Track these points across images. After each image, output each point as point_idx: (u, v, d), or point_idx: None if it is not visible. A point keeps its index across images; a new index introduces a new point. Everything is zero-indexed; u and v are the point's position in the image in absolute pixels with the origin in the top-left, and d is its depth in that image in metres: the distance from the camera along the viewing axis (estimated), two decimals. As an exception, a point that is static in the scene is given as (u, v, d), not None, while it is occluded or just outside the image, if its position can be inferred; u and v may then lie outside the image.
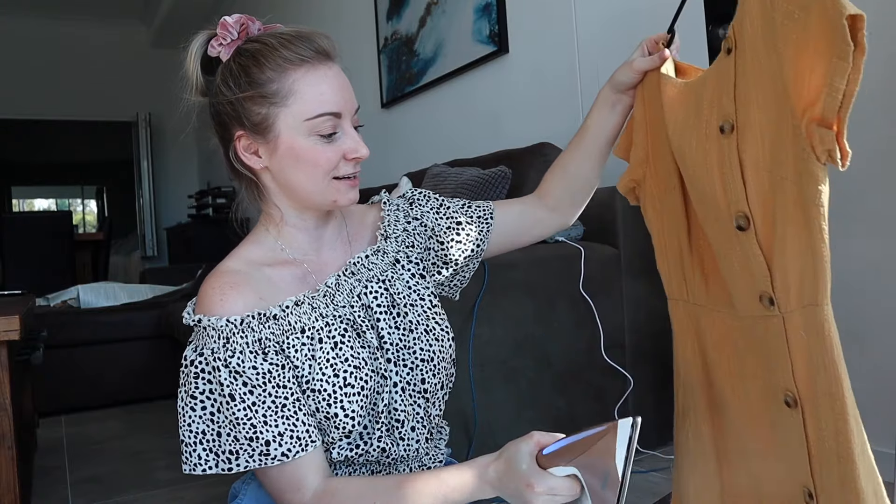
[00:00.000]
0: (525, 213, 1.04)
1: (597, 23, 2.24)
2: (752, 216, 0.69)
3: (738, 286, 0.74)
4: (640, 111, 0.89)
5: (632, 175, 0.89)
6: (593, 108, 0.97)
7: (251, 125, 0.86)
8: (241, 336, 0.81)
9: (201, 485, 2.00)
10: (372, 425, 0.88)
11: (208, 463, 0.81)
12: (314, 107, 0.84)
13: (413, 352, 0.91)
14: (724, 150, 0.70)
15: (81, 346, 3.18)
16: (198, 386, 0.81)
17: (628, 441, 0.71)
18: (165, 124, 7.09)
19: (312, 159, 0.85)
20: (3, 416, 1.38)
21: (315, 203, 0.89)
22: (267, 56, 0.84)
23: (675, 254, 0.85)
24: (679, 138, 0.77)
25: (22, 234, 4.95)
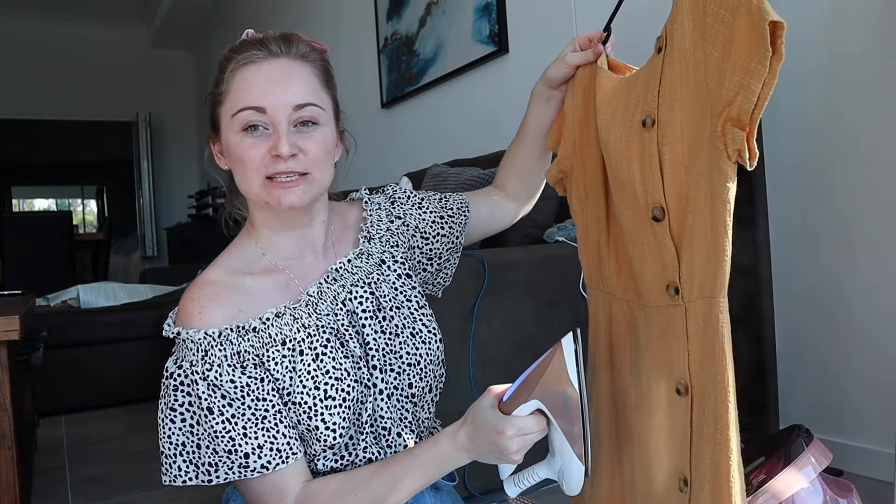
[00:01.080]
0: (493, 204, 1.07)
1: (597, 23, 2.23)
2: (668, 208, 0.72)
3: (647, 276, 0.77)
4: (570, 105, 0.91)
5: (560, 166, 0.92)
6: (530, 103, 0.98)
7: (213, 127, 0.89)
8: (219, 349, 0.81)
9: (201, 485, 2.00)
10: (357, 435, 0.87)
11: (188, 474, 0.82)
12: (239, 101, 0.83)
13: (399, 356, 0.90)
14: (644, 143, 0.73)
15: (81, 346, 3.17)
16: (177, 398, 0.81)
17: (575, 355, 0.75)
18: (165, 124, 7.10)
19: (238, 156, 0.83)
20: (3, 416, 1.38)
21: (259, 204, 0.87)
22: (225, 59, 0.86)
23: (595, 243, 0.88)
24: (606, 130, 0.80)
25: (22, 234, 4.95)
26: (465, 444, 0.79)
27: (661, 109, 0.72)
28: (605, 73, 0.85)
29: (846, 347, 1.65)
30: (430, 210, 1.01)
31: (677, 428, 0.74)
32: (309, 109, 0.84)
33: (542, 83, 0.95)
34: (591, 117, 0.85)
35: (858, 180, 1.59)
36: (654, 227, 0.74)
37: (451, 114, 3.06)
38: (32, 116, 6.80)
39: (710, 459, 0.70)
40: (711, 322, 0.69)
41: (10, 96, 6.33)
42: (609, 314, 0.87)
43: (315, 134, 0.84)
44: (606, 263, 0.86)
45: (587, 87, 0.87)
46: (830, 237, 1.65)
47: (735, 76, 0.63)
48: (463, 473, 1.52)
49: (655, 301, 0.77)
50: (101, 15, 6.61)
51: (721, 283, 0.68)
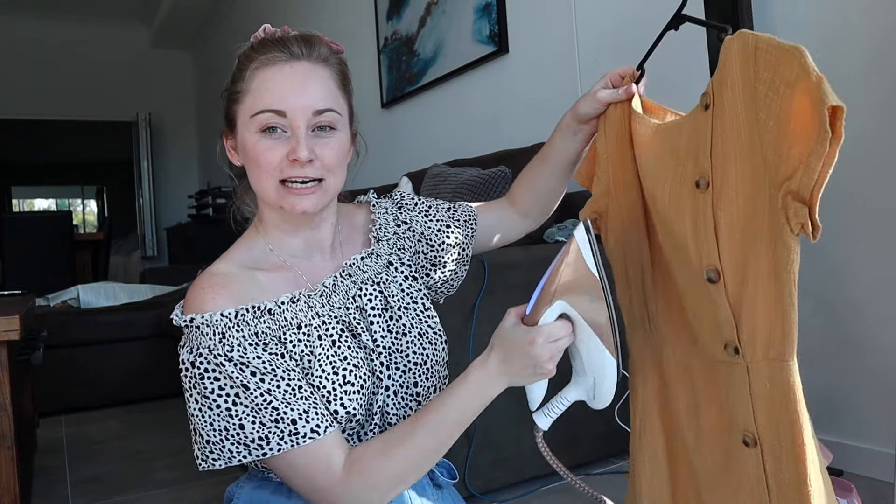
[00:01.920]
0: (502, 218, 1.07)
1: (597, 23, 2.24)
2: (723, 271, 0.72)
3: (703, 330, 0.76)
4: (603, 144, 0.89)
5: (594, 207, 0.91)
6: (556, 132, 0.98)
7: (227, 123, 0.89)
8: (236, 330, 0.80)
9: (201, 485, 2.00)
10: (367, 426, 0.88)
11: (241, 454, 0.80)
12: (259, 103, 0.83)
13: (406, 355, 0.90)
14: (698, 205, 0.73)
15: (81, 346, 3.18)
16: (206, 385, 0.80)
17: (590, 245, 0.76)
18: (165, 124, 7.10)
19: (254, 157, 0.83)
20: (3, 416, 1.38)
21: (272, 206, 0.87)
22: (246, 56, 0.86)
23: (638, 285, 0.87)
24: (652, 182, 0.80)
25: (22, 234, 4.95)
26: (497, 368, 0.80)
27: (715, 172, 0.72)
28: (641, 118, 0.84)
29: (846, 347, 1.65)
30: (437, 218, 1.01)
31: (750, 474, 0.74)
32: (328, 115, 0.84)
33: (571, 116, 0.94)
34: (628, 161, 0.84)
35: (860, 179, 1.59)
36: (708, 287, 0.74)
37: (451, 114, 3.06)
38: (32, 116, 6.80)
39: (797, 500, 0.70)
40: (781, 385, 0.70)
41: (10, 96, 6.33)
42: (658, 357, 0.87)
43: (332, 140, 0.85)
44: (654, 308, 0.86)
45: (619, 127, 0.87)
46: (831, 236, 1.65)
47: (794, 151, 0.63)
48: (463, 473, 1.52)
49: (713, 354, 0.76)
50: (101, 15, 6.61)
51: (790, 347, 0.69)
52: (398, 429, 0.82)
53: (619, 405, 1.81)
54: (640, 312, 0.88)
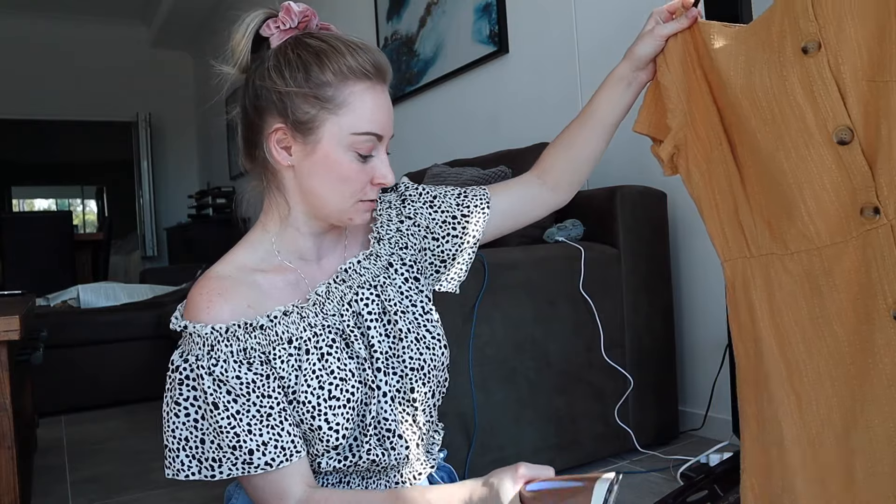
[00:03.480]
0: (523, 196, 1.03)
1: (597, 23, 2.24)
2: (855, 127, 0.69)
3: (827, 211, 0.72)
4: (669, 77, 0.88)
5: (674, 140, 0.88)
6: (603, 88, 0.95)
7: (294, 121, 0.83)
8: (225, 345, 0.80)
9: (201, 485, 2.00)
10: (361, 437, 0.87)
11: (191, 469, 0.81)
12: (364, 123, 0.83)
13: (402, 360, 0.89)
14: (810, 70, 0.70)
15: (81, 346, 3.18)
16: (182, 392, 0.81)
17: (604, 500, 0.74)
18: (165, 124, 7.10)
19: (345, 175, 0.84)
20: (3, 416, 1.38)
21: (329, 216, 0.88)
22: (332, 58, 0.82)
23: (730, 210, 0.84)
24: (746, 78, 0.77)
25: (22, 234, 4.95)
26: None
27: (826, 31, 0.70)
28: (713, 26, 0.82)
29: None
30: (443, 210, 0.98)
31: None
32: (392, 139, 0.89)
33: (628, 65, 0.92)
34: (701, 84, 0.83)
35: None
36: (839, 152, 0.71)
37: (451, 114, 3.06)
38: (32, 116, 6.79)
39: None
40: None
41: (10, 96, 6.33)
42: (765, 279, 0.81)
43: None
44: (751, 226, 0.82)
45: (683, 56, 0.85)
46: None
47: None
48: (463, 474, 1.52)
49: (842, 235, 0.73)
50: (101, 15, 6.60)
51: None
52: (367, 495, 0.84)
53: (618, 405, 1.81)
54: (736, 241, 0.84)
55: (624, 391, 1.80)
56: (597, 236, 1.85)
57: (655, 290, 1.89)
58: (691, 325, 2.02)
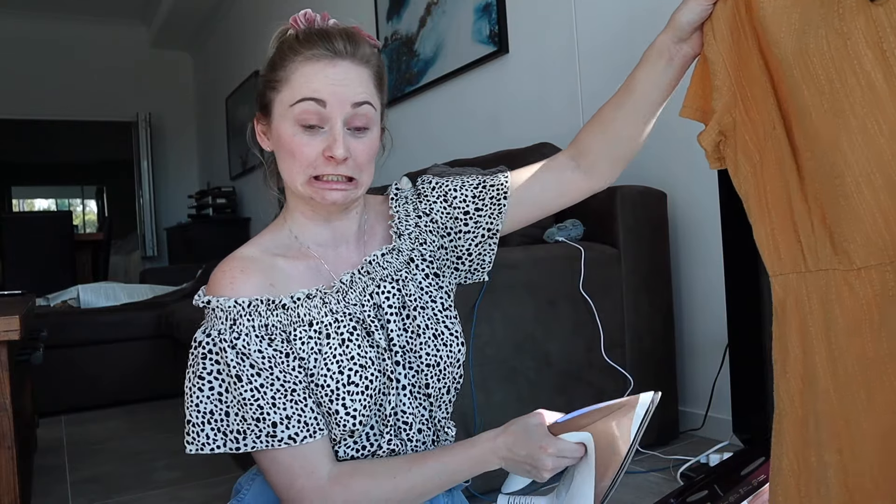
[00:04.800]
0: (552, 181, 0.95)
1: (597, 22, 2.24)
2: None
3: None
4: (715, 48, 0.73)
5: (720, 125, 0.73)
6: (642, 63, 0.84)
7: (261, 107, 0.90)
8: (247, 319, 0.82)
9: (202, 485, 2.00)
10: (380, 427, 0.87)
11: (216, 442, 0.81)
12: (299, 91, 0.83)
13: (419, 356, 0.90)
14: (879, 22, 0.56)
15: (81, 346, 3.18)
16: (205, 366, 0.81)
17: (644, 413, 0.80)
18: (165, 124, 7.10)
19: (290, 149, 0.84)
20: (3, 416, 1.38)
21: (298, 195, 0.88)
22: (288, 46, 0.86)
23: (784, 212, 0.67)
24: (799, 38, 0.62)
25: (22, 234, 4.95)
26: (503, 450, 0.83)
27: None
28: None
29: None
30: (455, 205, 0.95)
31: None
32: (364, 108, 0.85)
33: (670, 35, 0.80)
34: (752, 52, 0.68)
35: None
36: None
37: (451, 114, 3.06)
38: (32, 116, 6.79)
39: None
40: None
41: (10, 96, 6.33)
42: (826, 299, 0.64)
43: (365, 138, 0.86)
44: (809, 234, 0.65)
45: (734, 19, 0.70)
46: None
47: None
48: (463, 473, 1.52)
49: None
50: (101, 15, 6.60)
51: None
52: (394, 461, 0.85)
53: (619, 405, 1.80)
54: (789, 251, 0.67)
55: (624, 391, 1.80)
56: (597, 236, 1.85)
57: (655, 290, 1.89)
58: (691, 325, 2.02)
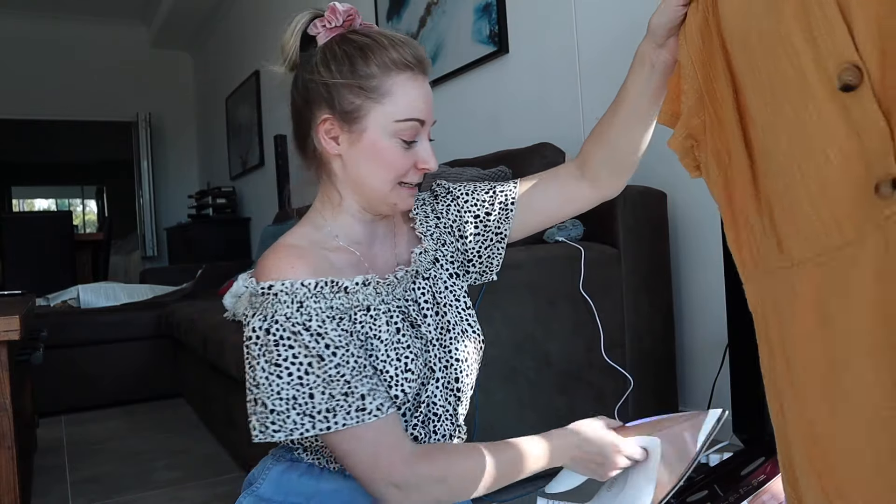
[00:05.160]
0: (557, 191, 0.99)
1: (597, 23, 2.24)
2: (866, 64, 0.47)
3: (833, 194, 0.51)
4: (685, 53, 0.72)
5: (687, 128, 0.71)
6: (630, 72, 0.86)
7: (340, 112, 0.87)
8: (314, 301, 0.82)
9: (202, 485, 2.00)
10: (410, 414, 0.90)
11: (304, 426, 0.80)
12: (406, 110, 0.86)
13: (449, 351, 0.92)
14: None
15: (81, 346, 3.18)
16: (280, 353, 0.80)
17: (713, 429, 0.84)
18: (165, 124, 7.10)
19: (389, 161, 0.87)
20: (3, 416, 1.38)
21: (374, 200, 0.91)
22: (375, 52, 0.86)
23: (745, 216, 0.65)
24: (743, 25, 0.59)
25: (22, 234, 4.95)
26: (573, 449, 0.89)
27: None
28: None
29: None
30: (467, 209, 1.00)
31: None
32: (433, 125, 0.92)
33: (648, 40, 0.82)
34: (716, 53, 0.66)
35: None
36: (844, 103, 0.49)
37: (451, 114, 3.06)
38: (32, 116, 6.80)
39: None
40: None
41: (10, 96, 6.33)
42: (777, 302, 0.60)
43: None
44: (761, 233, 0.62)
45: (703, 21, 0.68)
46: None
47: None
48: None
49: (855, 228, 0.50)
50: (101, 15, 6.60)
51: None
52: (468, 445, 0.88)
53: (618, 405, 1.81)
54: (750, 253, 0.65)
55: (624, 391, 1.80)
56: (597, 236, 1.85)
57: (655, 290, 1.89)
58: (691, 325, 2.02)
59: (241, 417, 2.06)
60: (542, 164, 2.01)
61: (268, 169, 4.99)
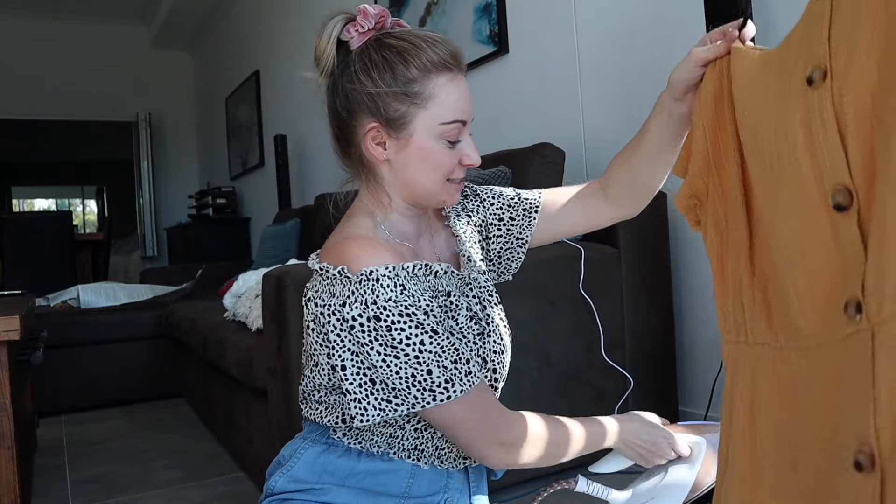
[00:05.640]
0: (579, 205, 1.04)
1: (597, 23, 2.24)
2: (856, 188, 0.51)
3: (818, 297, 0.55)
4: (698, 113, 0.74)
5: (691, 189, 0.74)
6: (651, 115, 0.90)
7: (386, 119, 0.88)
8: (413, 283, 0.85)
9: (202, 485, 2.00)
10: None
11: (426, 399, 0.83)
12: (450, 113, 0.88)
13: (486, 343, 0.95)
14: (812, 106, 0.54)
15: (81, 346, 3.18)
16: (393, 336, 0.82)
17: None
18: (165, 124, 7.10)
19: (437, 162, 0.89)
20: (3, 416, 1.38)
21: (425, 200, 0.93)
22: (414, 55, 0.87)
23: (736, 283, 0.69)
24: (755, 112, 0.62)
25: (22, 234, 4.95)
26: (627, 433, 0.95)
27: (836, 57, 0.52)
28: (743, 51, 0.68)
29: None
30: (493, 212, 1.05)
31: None
32: None
33: (667, 93, 0.85)
34: (728, 123, 0.69)
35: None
36: (834, 220, 0.52)
37: (451, 114, 3.06)
38: (32, 116, 6.80)
39: None
40: None
41: (10, 96, 6.33)
42: (754, 374, 0.65)
43: None
44: (750, 306, 0.66)
45: (718, 89, 0.71)
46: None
47: None
48: (463, 473, 1.52)
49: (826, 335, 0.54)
50: (101, 15, 6.60)
51: None
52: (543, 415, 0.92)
53: (618, 405, 1.81)
54: (735, 320, 0.69)
55: (624, 391, 1.80)
56: (597, 236, 1.85)
57: (655, 290, 1.89)
58: (691, 325, 2.02)
59: (240, 417, 2.06)
60: (541, 163, 2.01)
61: (268, 169, 4.99)
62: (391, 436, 0.91)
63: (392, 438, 0.91)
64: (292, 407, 1.52)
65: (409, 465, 0.92)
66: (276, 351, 1.55)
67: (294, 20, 4.48)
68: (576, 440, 0.91)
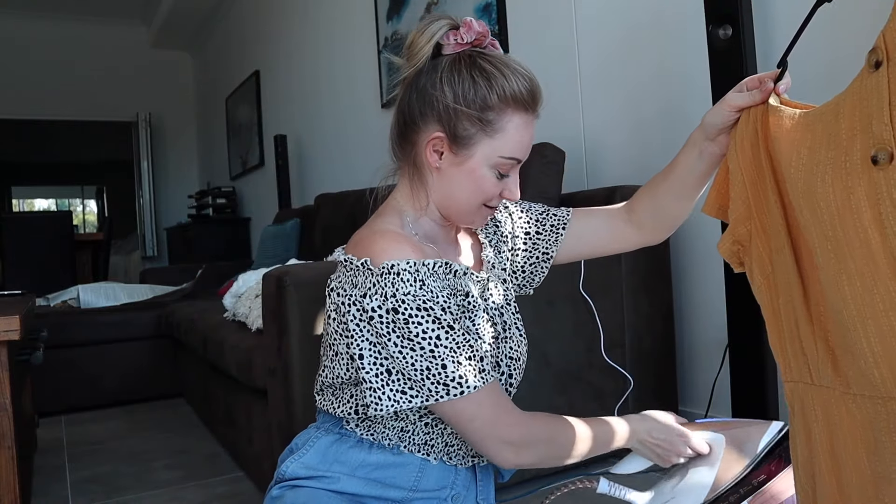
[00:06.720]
0: (606, 227, 1.06)
1: (597, 23, 2.24)
2: None
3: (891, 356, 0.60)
4: (736, 159, 0.76)
5: (734, 235, 0.77)
6: (683, 149, 0.93)
7: (453, 135, 0.90)
8: (433, 279, 0.86)
9: (202, 485, 2.00)
10: None
11: (439, 393, 0.84)
12: (512, 149, 0.91)
13: (502, 350, 0.96)
14: (879, 187, 0.58)
15: (81, 346, 3.18)
16: (411, 329, 0.84)
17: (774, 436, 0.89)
18: (165, 124, 7.10)
19: (483, 188, 0.92)
20: (3, 416, 1.38)
21: (455, 216, 0.96)
22: (499, 84, 0.88)
23: (791, 326, 0.72)
24: (807, 178, 0.65)
25: (22, 234, 4.95)
26: (641, 433, 0.96)
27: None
28: (780, 110, 0.71)
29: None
30: (521, 225, 1.07)
31: None
32: None
33: (700, 132, 0.88)
34: (766, 172, 0.72)
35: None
36: None
37: (451, 114, 3.06)
38: (32, 116, 6.80)
39: None
40: None
41: (10, 96, 6.33)
42: (828, 413, 0.69)
43: None
44: (812, 352, 0.70)
45: (755, 137, 0.74)
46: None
47: None
48: (463, 473, 1.52)
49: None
50: (101, 15, 6.60)
51: None
52: (573, 418, 0.94)
53: (618, 405, 1.81)
54: (797, 363, 0.72)
55: (624, 391, 1.80)
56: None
57: (655, 290, 1.89)
58: (691, 325, 2.02)
59: (240, 417, 2.06)
60: (541, 163, 2.01)
61: (268, 169, 4.99)
62: (402, 430, 0.93)
63: (403, 432, 0.93)
64: (292, 407, 1.52)
65: (419, 460, 0.94)
66: (276, 351, 1.55)
67: (294, 20, 4.48)
68: (585, 441, 0.92)
